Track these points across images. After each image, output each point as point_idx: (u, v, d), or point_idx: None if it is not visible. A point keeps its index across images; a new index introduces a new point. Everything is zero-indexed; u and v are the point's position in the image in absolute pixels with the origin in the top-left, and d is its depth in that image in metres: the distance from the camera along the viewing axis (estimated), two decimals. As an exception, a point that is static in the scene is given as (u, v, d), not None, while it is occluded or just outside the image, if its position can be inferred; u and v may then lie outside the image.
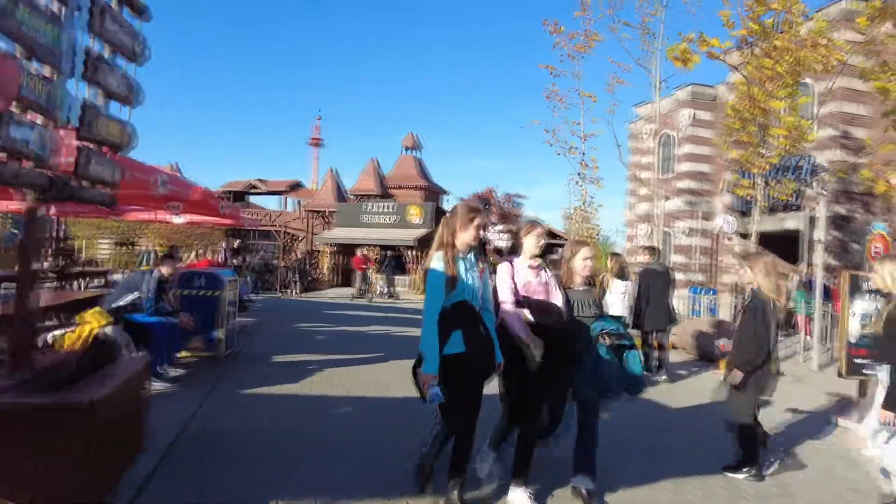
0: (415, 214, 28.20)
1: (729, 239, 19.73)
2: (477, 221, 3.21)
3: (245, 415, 5.01)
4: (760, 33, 8.91)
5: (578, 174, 14.93)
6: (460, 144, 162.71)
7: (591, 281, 3.84)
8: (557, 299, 3.50)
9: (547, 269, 3.62)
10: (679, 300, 20.89)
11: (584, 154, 14.94)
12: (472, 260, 3.26)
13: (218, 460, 3.91)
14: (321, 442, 4.41)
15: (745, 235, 19.40)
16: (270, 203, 46.61)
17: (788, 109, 8.95)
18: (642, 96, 24.92)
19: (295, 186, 42.33)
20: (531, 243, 3.53)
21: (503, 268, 3.53)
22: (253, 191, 43.00)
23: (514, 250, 3.64)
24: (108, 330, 4.88)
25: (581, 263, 3.71)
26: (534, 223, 3.77)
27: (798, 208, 16.83)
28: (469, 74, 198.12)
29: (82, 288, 11.18)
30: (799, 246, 16.75)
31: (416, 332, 9.61)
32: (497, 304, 3.43)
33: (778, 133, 8.83)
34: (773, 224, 17.67)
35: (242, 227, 18.01)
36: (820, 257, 10.01)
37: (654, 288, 7.32)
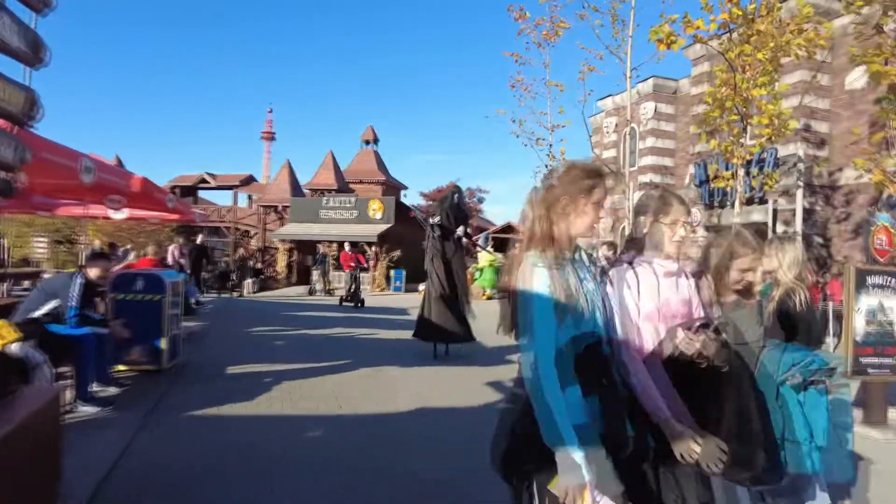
0: (376, 209, 27.31)
1: (693, 231, 19.70)
2: (597, 196, 1.84)
3: (191, 445, 4.20)
4: (742, 18, 8.53)
5: (546, 167, 14.40)
6: (415, 139, 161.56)
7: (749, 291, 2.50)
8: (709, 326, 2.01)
9: (688, 275, 2.19)
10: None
11: (551, 146, 14.45)
12: (585, 262, 1.94)
13: (155, 512, 3.12)
14: (286, 470, 3.67)
15: (710, 228, 19.49)
16: (221, 198, 44.81)
17: (769, 98, 8.63)
18: (614, 85, 24.61)
19: (247, 181, 40.71)
20: (668, 234, 2.08)
21: (624, 276, 2.07)
22: (203, 185, 41.13)
23: (634, 243, 2.17)
24: (16, 347, 3.98)
25: (737, 276, 2.44)
26: (670, 196, 2.19)
27: (762, 201, 16.89)
28: (425, 67, 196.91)
29: (3, 294, 9.94)
30: (766, 238, 16.69)
31: (384, 334, 8.82)
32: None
33: (761, 122, 8.50)
34: (739, 217, 17.67)
35: (192, 223, 16.85)
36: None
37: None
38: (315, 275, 22.33)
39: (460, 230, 7.78)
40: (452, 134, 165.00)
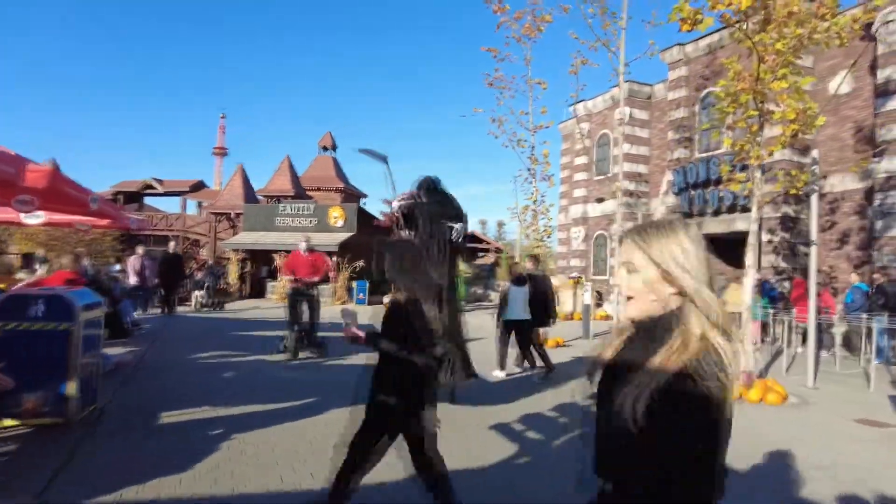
0: (337, 217, 25.75)
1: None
2: None
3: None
4: (759, 3, 7.59)
5: (528, 170, 13.31)
6: (375, 147, 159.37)
7: None
8: None
9: None
10: (617, 305, 20.15)
11: (533, 148, 13.35)
12: None
13: None
14: None
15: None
16: (169, 206, 42.23)
17: (791, 91, 7.73)
18: (603, 83, 23.68)
19: (197, 187, 38.40)
20: None
21: None
22: (149, 192, 38.56)
23: None
24: None
25: None
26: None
27: (746, 209, 16.28)
28: (391, 72, 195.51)
29: None
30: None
31: (354, 359, 7.26)
32: None
33: (786, 117, 7.57)
34: (721, 226, 17.06)
35: (128, 231, 15.01)
36: (814, 259, 8.92)
37: (539, 290, 8.40)
38: (199, 293, 19.78)
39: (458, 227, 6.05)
40: (414, 142, 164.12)
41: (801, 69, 7.97)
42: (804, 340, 11.35)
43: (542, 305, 8.41)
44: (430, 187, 3.32)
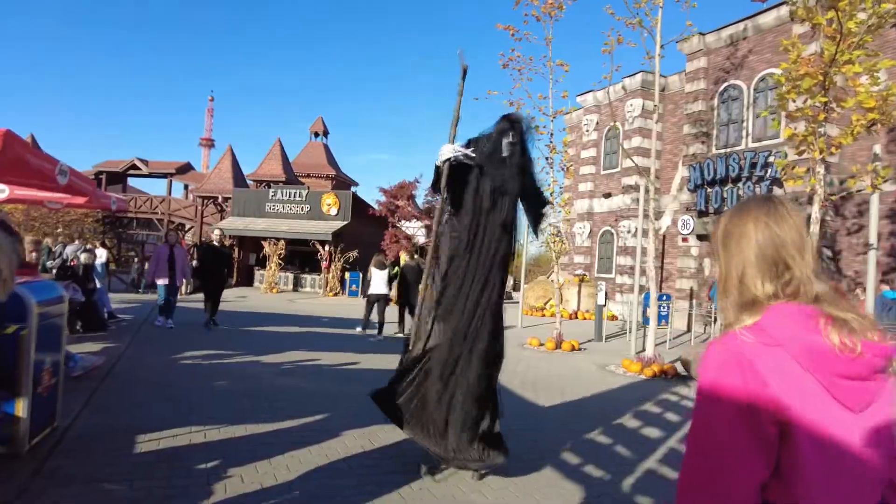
0: (331, 204, 24.62)
1: (685, 240, 18.26)
2: None
3: None
4: None
5: (546, 159, 12.32)
6: (364, 137, 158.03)
7: None
8: None
9: None
10: (624, 305, 19.30)
11: (552, 135, 12.36)
12: None
13: None
14: None
15: (703, 237, 18.02)
16: (155, 188, 40.79)
17: (866, 77, 6.84)
18: (635, 66, 22.49)
19: (184, 169, 36.97)
20: None
21: None
22: (133, 172, 37.07)
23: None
24: None
25: None
26: None
27: (768, 209, 15.44)
28: (379, 57, 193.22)
29: None
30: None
31: (367, 361, 5.76)
32: None
33: (864, 105, 6.66)
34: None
35: (109, 211, 13.82)
36: (872, 264, 8.08)
37: (409, 276, 10.89)
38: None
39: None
40: (402, 133, 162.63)
41: (877, 51, 7.03)
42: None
43: (406, 286, 11.02)
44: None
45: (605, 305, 14.55)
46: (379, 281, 11.23)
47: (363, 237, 25.50)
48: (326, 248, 23.44)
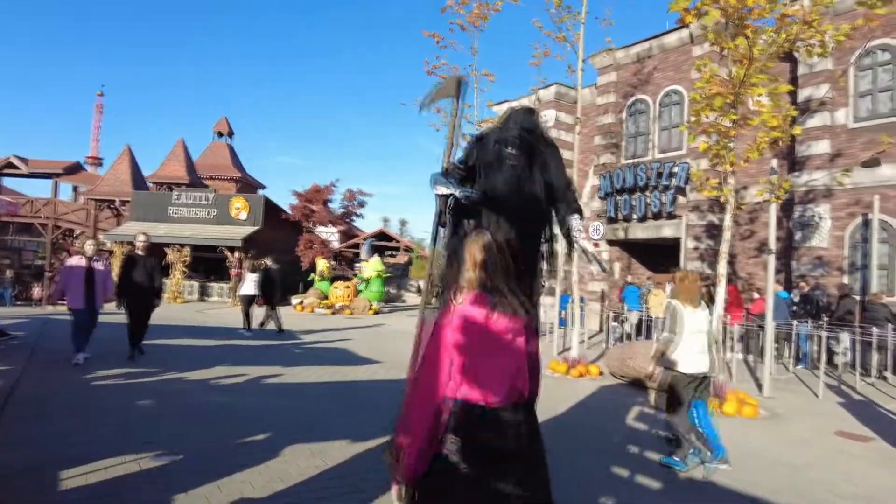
0: (240, 208, 23.54)
1: (596, 245, 19.13)
2: None
3: None
4: (738, 7, 7.26)
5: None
6: (273, 138, 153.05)
7: None
8: None
9: None
10: (540, 307, 19.93)
11: (477, 143, 12.53)
12: None
13: None
14: None
15: (614, 242, 18.98)
16: (38, 189, 37.03)
17: (768, 98, 7.52)
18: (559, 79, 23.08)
19: (73, 169, 33.89)
20: None
21: None
22: (9, 171, 33.45)
23: None
24: None
25: None
26: None
27: (672, 216, 16.61)
28: (296, 60, 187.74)
29: None
30: (680, 254, 16.54)
31: (310, 373, 5.79)
32: None
33: (767, 123, 7.32)
34: (648, 232, 17.28)
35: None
36: (771, 267, 8.89)
37: (274, 277, 13.31)
38: None
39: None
40: (317, 136, 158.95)
41: (776, 76, 7.75)
42: (739, 348, 11.52)
43: (270, 287, 13.16)
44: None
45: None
46: (250, 283, 13.12)
47: (276, 243, 24.59)
48: (236, 254, 22.38)
